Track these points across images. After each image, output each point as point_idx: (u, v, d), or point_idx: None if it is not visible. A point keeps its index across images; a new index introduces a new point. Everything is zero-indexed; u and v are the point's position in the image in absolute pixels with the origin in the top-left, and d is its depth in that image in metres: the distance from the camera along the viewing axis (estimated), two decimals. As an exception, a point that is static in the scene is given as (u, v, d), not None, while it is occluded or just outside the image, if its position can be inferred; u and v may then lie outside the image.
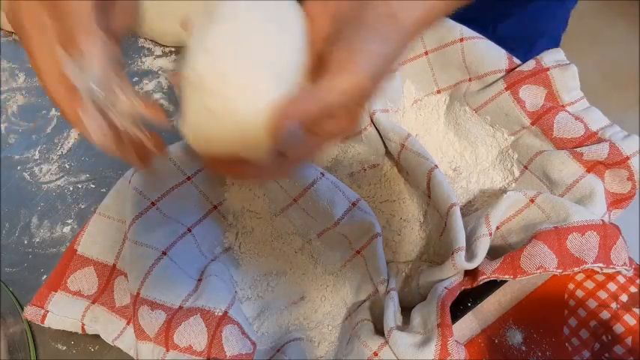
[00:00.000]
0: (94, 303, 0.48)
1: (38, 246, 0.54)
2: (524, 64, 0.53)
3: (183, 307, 0.43)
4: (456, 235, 0.44)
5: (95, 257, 0.49)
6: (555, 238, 0.44)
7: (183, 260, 0.47)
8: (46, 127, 0.61)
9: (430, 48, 0.56)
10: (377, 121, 0.53)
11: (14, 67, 0.65)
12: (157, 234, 0.47)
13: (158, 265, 0.45)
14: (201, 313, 0.42)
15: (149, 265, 0.45)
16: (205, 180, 0.51)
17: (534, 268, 0.43)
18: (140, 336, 0.44)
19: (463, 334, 0.47)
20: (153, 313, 0.43)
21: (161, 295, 0.44)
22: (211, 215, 0.51)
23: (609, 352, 0.43)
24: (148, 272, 0.45)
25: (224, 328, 0.42)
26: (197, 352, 0.41)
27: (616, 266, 0.44)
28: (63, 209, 0.56)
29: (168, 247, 0.47)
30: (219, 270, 0.48)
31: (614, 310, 0.44)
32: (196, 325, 0.42)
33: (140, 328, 0.44)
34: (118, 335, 0.47)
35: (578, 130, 0.50)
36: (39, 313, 0.47)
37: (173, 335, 0.42)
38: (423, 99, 0.58)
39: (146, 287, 0.44)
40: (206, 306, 0.43)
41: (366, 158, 0.55)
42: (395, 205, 0.54)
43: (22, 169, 0.58)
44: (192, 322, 0.42)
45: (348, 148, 0.56)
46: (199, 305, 0.43)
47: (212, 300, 0.43)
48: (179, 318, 0.42)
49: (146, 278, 0.45)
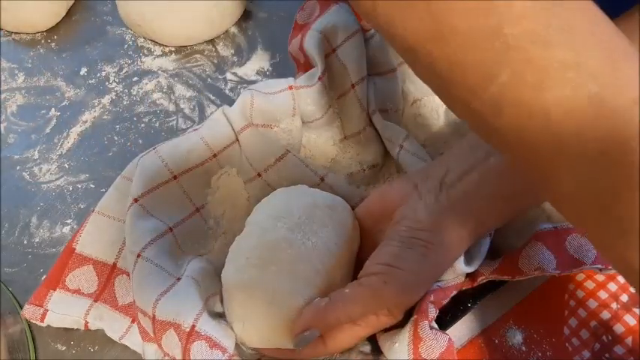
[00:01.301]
0: (96, 301, 0.48)
1: (38, 246, 0.53)
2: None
3: (155, 315, 0.42)
4: None
5: (94, 256, 0.49)
6: (554, 239, 0.44)
7: (160, 257, 0.46)
8: (46, 127, 0.61)
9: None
10: (376, 121, 0.53)
11: (14, 67, 0.65)
12: (136, 232, 0.47)
13: (135, 269, 0.45)
14: (174, 328, 0.42)
15: (131, 269, 0.45)
16: (191, 180, 0.50)
17: (532, 269, 0.43)
18: (145, 338, 0.44)
19: (463, 334, 0.47)
20: (145, 319, 0.44)
21: (141, 302, 0.44)
22: (194, 217, 0.51)
23: (609, 352, 0.43)
24: (131, 278, 0.45)
25: (192, 346, 0.41)
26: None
27: None
28: (62, 209, 0.55)
29: (144, 246, 0.46)
30: (197, 270, 0.46)
31: (615, 310, 0.44)
32: (172, 338, 0.42)
33: (144, 330, 0.44)
34: (125, 333, 0.47)
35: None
36: (38, 312, 0.47)
37: (161, 343, 0.42)
38: (423, 99, 0.58)
39: (134, 293, 0.45)
40: (177, 320, 0.42)
41: (364, 158, 0.55)
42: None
43: (21, 169, 0.58)
44: (168, 335, 0.42)
45: (347, 148, 0.56)
46: (170, 319, 0.42)
47: (182, 313, 0.42)
48: (159, 329, 0.42)
49: (132, 283, 0.45)
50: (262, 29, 0.67)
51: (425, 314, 0.41)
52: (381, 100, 0.55)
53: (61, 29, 0.68)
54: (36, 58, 0.66)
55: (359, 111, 0.54)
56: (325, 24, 0.55)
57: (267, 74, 0.64)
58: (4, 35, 0.67)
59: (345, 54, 0.54)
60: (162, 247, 0.47)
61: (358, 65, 0.54)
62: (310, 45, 0.54)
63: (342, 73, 0.54)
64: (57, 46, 0.67)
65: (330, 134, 0.56)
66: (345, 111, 0.55)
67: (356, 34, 0.55)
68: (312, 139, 0.56)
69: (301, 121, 0.53)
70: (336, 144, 0.56)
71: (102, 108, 0.62)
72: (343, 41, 0.54)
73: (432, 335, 0.40)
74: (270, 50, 0.65)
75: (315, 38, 0.54)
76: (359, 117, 0.54)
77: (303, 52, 0.56)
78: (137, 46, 0.66)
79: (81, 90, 0.63)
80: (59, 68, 0.65)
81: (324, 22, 0.55)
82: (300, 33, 0.57)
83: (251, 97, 0.51)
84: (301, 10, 0.58)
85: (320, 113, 0.54)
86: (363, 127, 0.54)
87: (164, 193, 0.49)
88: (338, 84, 0.55)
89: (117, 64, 0.65)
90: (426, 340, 0.40)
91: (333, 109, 0.55)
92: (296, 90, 0.53)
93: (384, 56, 0.56)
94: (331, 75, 0.55)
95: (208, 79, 0.63)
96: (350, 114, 0.55)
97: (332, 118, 0.55)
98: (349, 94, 0.54)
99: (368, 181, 0.55)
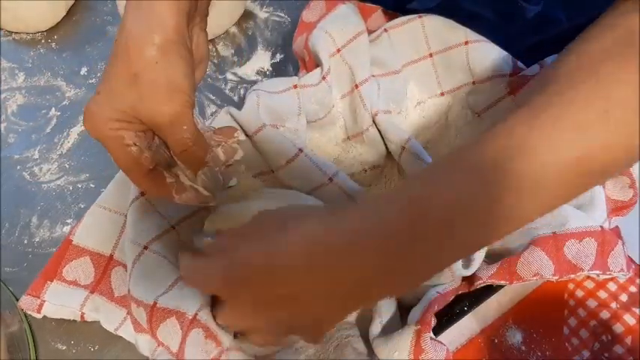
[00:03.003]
0: (92, 292, 0.48)
1: (38, 245, 0.54)
2: (529, 68, 0.53)
3: (157, 303, 0.43)
4: None
5: (91, 247, 0.50)
6: (553, 244, 0.44)
7: (167, 250, 0.47)
8: (46, 126, 0.61)
9: (435, 50, 0.56)
10: (379, 121, 0.53)
11: (14, 67, 0.65)
12: (143, 225, 0.47)
13: (138, 260, 0.45)
14: (176, 316, 0.42)
15: (132, 261, 0.45)
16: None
17: (530, 274, 0.43)
18: (137, 329, 0.44)
19: (463, 334, 0.48)
20: (139, 309, 0.44)
21: (139, 292, 0.44)
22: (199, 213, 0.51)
23: (609, 351, 0.44)
24: (131, 269, 0.45)
25: (190, 332, 0.42)
26: (173, 352, 0.42)
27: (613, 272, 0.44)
28: (63, 209, 0.56)
29: (151, 239, 0.46)
30: None
31: (614, 309, 0.45)
32: (172, 326, 0.42)
33: (136, 320, 0.44)
34: (120, 324, 0.47)
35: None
36: (35, 302, 0.47)
37: (157, 333, 0.43)
38: (427, 101, 0.58)
39: (131, 284, 0.45)
40: (181, 308, 0.42)
41: (366, 159, 0.55)
42: None
43: (21, 168, 0.58)
44: (168, 323, 0.42)
45: (349, 148, 0.56)
46: (173, 307, 0.43)
47: (185, 303, 0.43)
48: (157, 318, 0.43)
49: (130, 275, 0.45)
50: (262, 29, 0.67)
51: (428, 326, 0.41)
52: (385, 101, 0.55)
53: (61, 29, 0.68)
54: (36, 57, 0.66)
55: (362, 111, 0.54)
56: (331, 23, 0.55)
57: (267, 74, 0.64)
58: (4, 35, 0.67)
59: (350, 54, 0.54)
60: (169, 242, 0.47)
61: (362, 66, 0.54)
62: (315, 44, 0.54)
63: (347, 73, 0.54)
64: (57, 46, 0.67)
65: (333, 134, 0.56)
66: (349, 111, 0.55)
67: (361, 34, 0.55)
68: (315, 138, 0.56)
69: (306, 120, 0.54)
70: (338, 144, 0.56)
71: (102, 108, 0.62)
72: (348, 41, 0.54)
73: (432, 347, 0.40)
74: (270, 50, 0.65)
75: (321, 37, 0.54)
76: (362, 117, 0.54)
77: (308, 51, 0.56)
78: (137, 46, 0.66)
79: (81, 90, 0.63)
80: (59, 68, 0.65)
81: (330, 22, 0.55)
82: (305, 31, 0.57)
83: (257, 98, 0.51)
84: (307, 9, 0.58)
85: (323, 113, 0.54)
86: (366, 128, 0.54)
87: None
88: (342, 84, 0.55)
89: (117, 64, 0.65)
90: (427, 351, 0.40)
91: (337, 108, 0.55)
92: (301, 89, 0.53)
93: (389, 57, 0.56)
94: (335, 75, 0.55)
95: (208, 79, 0.63)
96: (353, 114, 0.55)
97: (335, 118, 0.55)
98: (353, 94, 0.54)
99: (370, 182, 0.55)
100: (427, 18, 0.56)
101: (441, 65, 0.56)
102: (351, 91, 0.54)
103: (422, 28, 0.56)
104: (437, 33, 0.55)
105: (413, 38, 0.56)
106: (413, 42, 0.56)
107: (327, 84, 0.53)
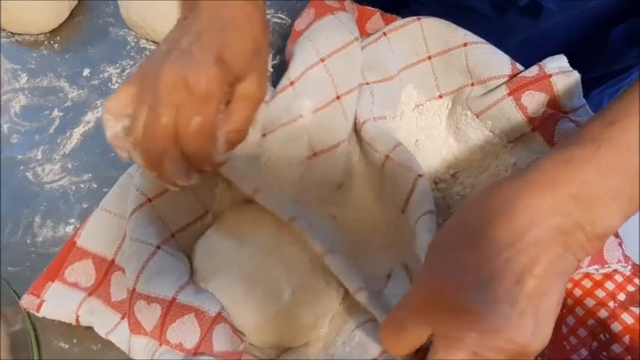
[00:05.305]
0: (90, 295, 0.48)
1: (41, 245, 0.54)
2: (528, 70, 0.53)
3: (176, 298, 0.44)
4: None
5: (94, 250, 0.50)
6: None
7: (176, 252, 0.48)
8: (49, 127, 0.61)
9: (433, 52, 0.56)
10: (366, 130, 0.52)
11: (16, 68, 0.65)
12: (152, 229, 0.47)
13: (152, 259, 0.46)
14: (195, 313, 0.43)
15: (144, 259, 0.46)
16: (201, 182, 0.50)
17: None
18: (135, 330, 0.44)
19: (462, 333, 0.48)
20: (149, 307, 0.44)
21: (155, 288, 0.44)
22: (201, 221, 0.51)
23: (607, 350, 0.44)
24: (142, 267, 0.45)
25: (216, 327, 0.43)
26: (186, 349, 0.42)
27: (611, 265, 0.44)
28: (65, 209, 0.56)
29: (161, 242, 0.47)
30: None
31: (612, 308, 0.45)
32: (190, 323, 0.43)
33: (136, 321, 0.44)
34: (112, 329, 0.47)
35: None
36: (35, 301, 0.48)
37: (166, 331, 0.43)
38: (425, 104, 0.58)
39: (141, 282, 0.45)
40: (202, 307, 0.43)
41: (333, 179, 0.54)
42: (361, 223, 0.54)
43: (24, 168, 0.58)
44: (186, 320, 0.43)
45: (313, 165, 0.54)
46: (195, 305, 0.43)
47: (207, 302, 0.44)
48: (174, 314, 0.43)
49: (141, 273, 0.45)
50: (263, 31, 0.67)
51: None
52: (379, 107, 0.55)
53: (63, 30, 0.68)
54: (39, 59, 0.66)
55: (343, 123, 0.53)
56: (316, 32, 0.55)
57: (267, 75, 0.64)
58: (7, 36, 0.67)
59: (336, 64, 0.54)
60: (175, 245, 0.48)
61: (350, 75, 0.54)
62: (294, 52, 0.54)
63: (328, 84, 0.53)
64: (60, 48, 0.67)
65: (297, 153, 0.53)
66: (320, 125, 0.53)
67: (350, 44, 0.54)
68: (275, 151, 0.53)
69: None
70: (302, 162, 0.53)
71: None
72: (336, 50, 0.54)
73: None
74: (271, 52, 0.65)
75: (301, 46, 0.54)
76: (342, 128, 0.53)
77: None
78: (139, 47, 0.67)
79: (84, 91, 0.64)
80: (62, 69, 0.65)
81: (315, 31, 0.55)
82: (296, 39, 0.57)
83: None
84: (299, 17, 0.58)
85: (286, 119, 0.52)
86: (342, 140, 0.53)
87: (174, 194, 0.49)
88: (319, 95, 0.53)
89: (119, 65, 0.65)
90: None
91: (304, 120, 0.53)
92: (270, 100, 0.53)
93: (385, 62, 0.56)
94: (312, 85, 0.53)
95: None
96: (328, 126, 0.53)
97: (298, 135, 0.53)
98: (332, 105, 0.53)
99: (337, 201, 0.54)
100: (426, 20, 0.56)
101: (440, 67, 0.56)
102: (328, 104, 0.53)
103: (421, 31, 0.56)
104: (436, 35, 0.55)
105: (412, 41, 0.56)
106: (412, 44, 0.56)
107: (294, 90, 0.53)
